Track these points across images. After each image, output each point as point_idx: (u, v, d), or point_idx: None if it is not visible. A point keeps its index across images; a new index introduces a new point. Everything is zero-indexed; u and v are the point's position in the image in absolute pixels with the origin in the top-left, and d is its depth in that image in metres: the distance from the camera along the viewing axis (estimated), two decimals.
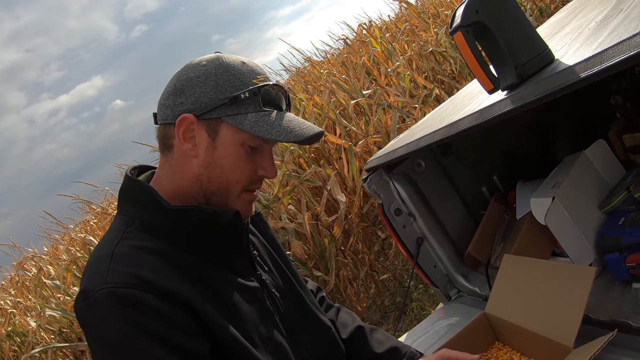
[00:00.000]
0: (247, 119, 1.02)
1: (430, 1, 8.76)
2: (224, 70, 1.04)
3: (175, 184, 1.07)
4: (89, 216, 7.93)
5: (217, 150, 1.04)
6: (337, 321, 1.37)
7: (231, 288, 1.05)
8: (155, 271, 0.95)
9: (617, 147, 1.80)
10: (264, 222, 1.33)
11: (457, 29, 1.24)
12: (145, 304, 0.91)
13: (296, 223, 4.14)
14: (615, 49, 0.91)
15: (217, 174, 1.05)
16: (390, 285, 4.39)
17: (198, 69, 1.05)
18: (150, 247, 0.99)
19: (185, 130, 1.03)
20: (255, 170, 1.08)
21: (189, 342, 0.93)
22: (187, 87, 1.03)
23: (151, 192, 1.05)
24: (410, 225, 2.12)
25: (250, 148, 1.05)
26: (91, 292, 0.91)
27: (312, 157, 5.16)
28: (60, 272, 5.44)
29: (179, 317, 0.93)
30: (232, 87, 1.03)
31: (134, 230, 1.02)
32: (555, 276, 1.35)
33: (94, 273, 0.96)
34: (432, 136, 1.57)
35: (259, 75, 1.06)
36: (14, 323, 5.44)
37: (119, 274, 0.93)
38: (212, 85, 1.02)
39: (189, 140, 1.04)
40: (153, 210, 1.04)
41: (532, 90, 1.13)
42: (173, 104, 1.04)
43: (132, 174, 1.11)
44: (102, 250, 1.00)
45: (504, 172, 2.28)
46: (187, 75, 1.05)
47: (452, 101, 2.30)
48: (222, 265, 1.07)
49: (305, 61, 8.52)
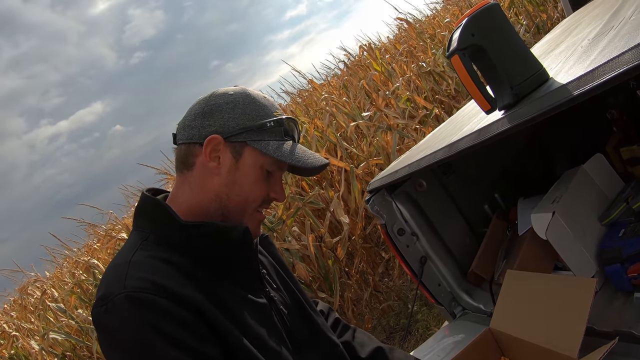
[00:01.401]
0: (270, 145, 1.12)
1: (429, 22, 8.84)
2: (250, 100, 1.15)
3: (194, 201, 1.14)
4: (92, 240, 7.92)
5: (239, 170, 1.13)
6: (354, 341, 1.40)
7: (241, 303, 1.10)
8: (170, 278, 1.00)
9: (615, 160, 1.82)
10: (272, 244, 1.39)
11: (454, 52, 1.28)
12: (162, 307, 0.95)
13: (300, 245, 4.15)
14: (605, 67, 0.95)
15: (237, 193, 1.13)
16: (395, 306, 4.37)
17: (226, 97, 1.14)
18: (164, 258, 1.05)
19: (212, 150, 1.12)
20: (268, 193, 1.17)
21: (203, 345, 0.97)
22: (216, 111, 1.13)
23: (166, 208, 1.11)
24: (414, 244, 2.14)
25: (267, 172, 1.15)
26: (109, 297, 0.97)
27: (314, 179, 5.18)
28: (64, 295, 5.43)
29: (192, 321, 0.98)
30: (257, 115, 1.13)
31: (149, 243, 1.08)
32: (557, 289, 1.37)
33: (111, 280, 1.02)
34: (433, 156, 1.60)
35: (277, 110, 1.18)
36: (17, 346, 5.41)
37: (136, 279, 0.98)
38: (240, 113, 1.13)
39: (214, 160, 1.12)
40: (167, 225, 1.10)
41: (527, 109, 1.16)
42: (201, 125, 1.13)
43: (148, 193, 1.17)
44: (119, 259, 1.06)
45: (505, 189, 2.30)
46: (216, 101, 1.14)
47: (451, 121, 2.33)
48: (232, 281, 1.12)
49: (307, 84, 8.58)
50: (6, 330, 6.04)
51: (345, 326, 1.46)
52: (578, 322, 1.22)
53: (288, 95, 9.38)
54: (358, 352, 1.37)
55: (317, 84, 8.34)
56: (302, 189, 5.08)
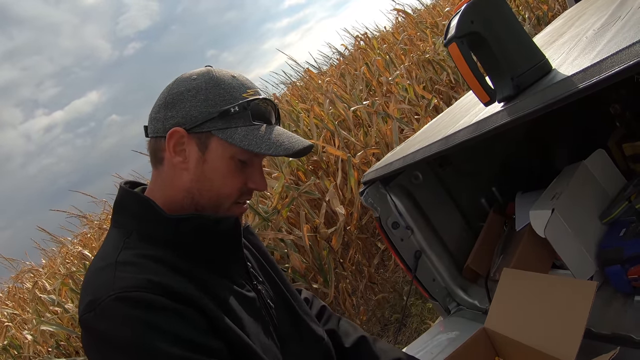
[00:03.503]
0: (237, 133, 1.03)
1: (428, 11, 8.79)
2: (214, 84, 1.04)
3: (167, 197, 1.07)
4: (85, 229, 7.90)
5: (207, 163, 1.05)
6: (339, 330, 1.37)
7: (232, 296, 1.05)
8: (162, 275, 0.95)
9: (617, 156, 1.77)
10: (253, 234, 1.33)
11: (451, 40, 1.21)
12: (156, 303, 0.90)
13: (295, 235, 4.12)
14: (614, 58, 0.89)
15: (208, 187, 1.06)
16: (390, 298, 4.35)
17: (189, 82, 1.05)
18: (152, 255, 0.99)
19: (175, 144, 1.04)
20: (245, 183, 1.09)
21: (204, 338, 0.93)
22: (177, 101, 1.04)
23: (149, 202, 1.05)
24: (408, 238, 2.09)
25: (240, 162, 1.06)
26: (98, 300, 0.90)
27: (310, 169, 5.14)
28: (56, 286, 5.41)
29: (191, 314, 0.93)
30: (222, 101, 1.03)
31: (132, 240, 1.02)
32: (555, 291, 1.32)
33: (98, 284, 0.95)
34: (429, 149, 1.55)
35: (249, 89, 1.07)
36: (10, 336, 5.40)
37: (126, 279, 0.92)
38: (202, 99, 1.03)
39: (180, 154, 1.05)
40: (151, 220, 1.04)
41: (529, 102, 1.10)
42: (164, 118, 1.05)
43: (126, 187, 1.11)
44: (104, 261, 0.99)
45: (503, 183, 2.25)
46: (178, 89, 1.05)
47: (449, 112, 2.29)
48: (221, 274, 1.07)
49: (305, 73, 8.53)
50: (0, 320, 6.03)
51: (330, 314, 1.43)
52: (576, 327, 1.18)
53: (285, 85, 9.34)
54: (342, 341, 1.33)
55: (314, 73, 8.29)
56: (298, 179, 5.03)
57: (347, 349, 1.32)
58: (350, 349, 1.32)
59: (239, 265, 1.15)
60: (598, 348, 1.17)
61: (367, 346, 1.33)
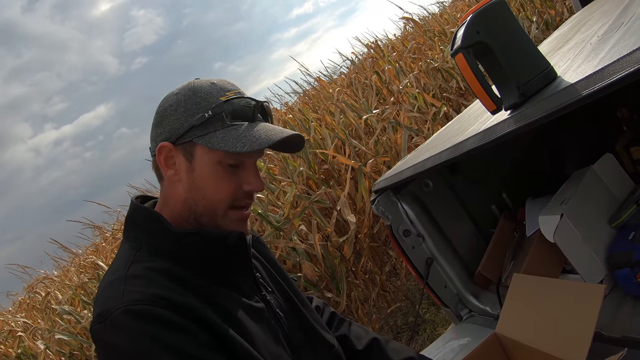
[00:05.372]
0: (215, 137, 1.04)
1: (436, 19, 8.79)
2: (191, 94, 1.07)
3: (171, 211, 1.11)
4: (98, 239, 7.95)
5: (196, 172, 1.07)
6: (350, 334, 1.38)
7: (239, 308, 1.07)
8: (168, 289, 0.98)
9: (625, 160, 1.78)
10: (263, 244, 1.35)
11: (458, 50, 1.24)
12: (162, 318, 0.93)
13: (307, 244, 4.12)
14: (615, 65, 0.91)
15: (201, 196, 1.08)
16: (403, 306, 4.34)
17: (172, 98, 1.09)
18: (160, 268, 1.02)
19: (165, 158, 1.08)
20: (240, 186, 1.09)
21: (206, 353, 0.94)
22: (163, 117, 1.08)
23: (158, 217, 1.08)
24: (420, 245, 2.11)
25: (230, 166, 1.07)
26: (107, 313, 0.94)
27: (321, 178, 5.15)
28: (69, 296, 5.44)
29: (194, 329, 0.95)
30: (199, 108, 1.05)
31: (142, 254, 1.05)
32: (564, 295, 1.33)
33: (108, 296, 0.98)
34: (438, 157, 1.57)
35: (228, 92, 1.08)
36: (24, 346, 5.43)
37: (134, 292, 0.96)
38: (182, 111, 1.06)
39: (171, 167, 1.08)
40: (158, 234, 1.07)
41: (535, 110, 1.12)
42: (155, 136, 1.09)
43: (137, 202, 1.14)
44: (114, 274, 1.03)
45: (513, 189, 2.26)
46: (163, 106, 1.09)
47: (458, 120, 2.30)
48: (228, 286, 1.09)
49: (315, 81, 8.55)
50: (13, 329, 6.06)
51: (341, 320, 1.44)
52: (585, 330, 1.18)
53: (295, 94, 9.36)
54: (355, 344, 1.35)
55: (324, 82, 8.31)
56: (309, 188, 5.05)
57: (360, 351, 1.33)
58: (362, 351, 1.33)
59: (247, 276, 1.16)
60: (608, 351, 1.18)
61: (379, 347, 1.35)
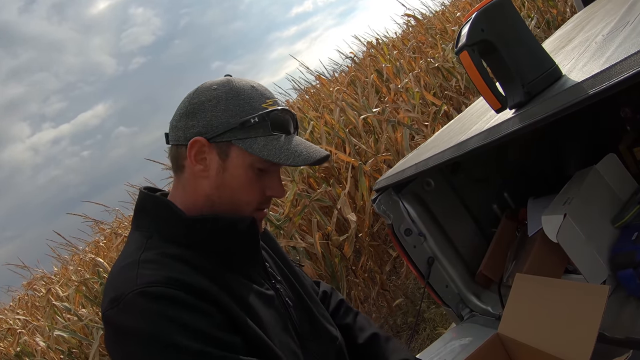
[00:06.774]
0: (257, 143, 1.05)
1: (437, 17, 8.78)
2: (234, 94, 1.07)
3: (187, 202, 1.10)
4: (98, 237, 7.93)
5: (227, 172, 1.07)
6: (355, 325, 1.39)
7: (251, 293, 1.08)
8: (182, 272, 0.98)
9: (629, 160, 1.78)
10: (272, 238, 1.37)
11: (462, 48, 1.23)
12: (177, 298, 0.93)
13: (307, 243, 4.12)
14: (623, 64, 0.90)
15: (228, 194, 1.09)
16: (403, 305, 4.34)
17: (209, 92, 1.08)
18: (173, 254, 1.02)
19: (197, 153, 1.07)
20: (263, 191, 1.11)
21: (222, 333, 0.95)
22: (198, 110, 1.07)
23: (168, 204, 1.09)
24: (421, 245, 2.10)
25: (259, 170, 1.09)
26: (121, 296, 0.93)
27: (322, 176, 5.14)
28: (69, 293, 5.43)
29: (210, 310, 0.96)
30: (242, 111, 1.06)
31: (154, 241, 1.05)
32: (568, 295, 1.32)
33: (122, 280, 0.98)
34: (441, 156, 1.56)
35: (268, 99, 1.10)
36: (22, 343, 5.42)
37: (148, 275, 0.96)
38: (223, 109, 1.06)
39: (201, 162, 1.07)
40: (171, 221, 1.08)
41: (539, 109, 1.11)
42: (185, 127, 1.07)
43: (146, 191, 1.15)
44: (126, 260, 1.03)
45: (515, 189, 2.26)
46: (199, 99, 1.08)
47: (460, 119, 2.29)
48: (240, 273, 1.10)
49: (315, 79, 8.53)
50: (12, 327, 6.05)
51: (348, 308, 1.45)
52: (589, 331, 1.18)
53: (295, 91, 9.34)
54: (356, 335, 1.36)
55: (325, 80, 8.29)
56: (310, 186, 5.04)
57: (360, 344, 1.34)
58: (362, 345, 1.34)
59: (258, 264, 1.17)
60: (612, 352, 1.17)
61: (378, 344, 1.35)
